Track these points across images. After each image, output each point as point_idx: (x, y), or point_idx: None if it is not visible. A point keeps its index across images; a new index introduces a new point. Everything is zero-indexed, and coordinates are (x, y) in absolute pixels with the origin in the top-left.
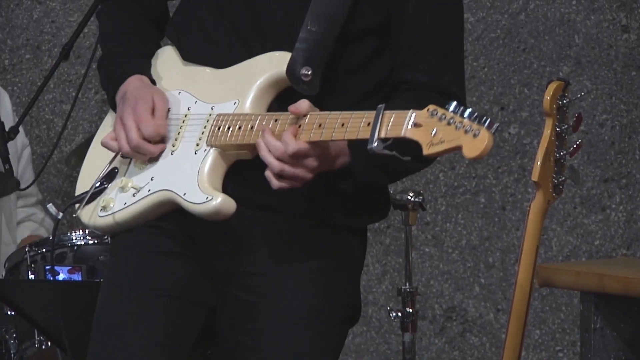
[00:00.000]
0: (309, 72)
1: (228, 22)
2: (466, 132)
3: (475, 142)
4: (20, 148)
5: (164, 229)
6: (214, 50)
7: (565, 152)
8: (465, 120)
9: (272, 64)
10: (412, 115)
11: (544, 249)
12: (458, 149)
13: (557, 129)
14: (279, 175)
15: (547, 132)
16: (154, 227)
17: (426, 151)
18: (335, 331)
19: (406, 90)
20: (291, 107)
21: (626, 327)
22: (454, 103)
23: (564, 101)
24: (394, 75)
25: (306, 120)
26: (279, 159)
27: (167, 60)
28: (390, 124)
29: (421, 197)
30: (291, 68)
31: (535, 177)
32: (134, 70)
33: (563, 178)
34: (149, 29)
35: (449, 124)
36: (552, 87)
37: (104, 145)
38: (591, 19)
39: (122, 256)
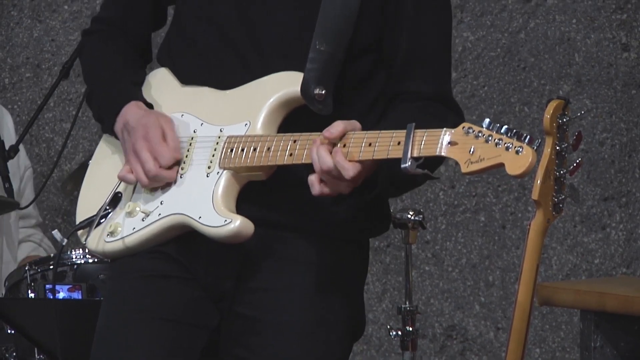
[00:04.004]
0: (323, 92)
1: (226, 42)
2: (507, 149)
3: (519, 159)
4: (22, 169)
5: (163, 253)
6: (213, 71)
7: (565, 170)
8: (505, 137)
9: (283, 84)
10: (446, 134)
11: (544, 268)
12: (499, 166)
13: (557, 148)
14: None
15: (547, 150)
16: (153, 252)
17: (465, 169)
18: (339, 345)
19: (405, 101)
20: (327, 133)
21: (626, 345)
22: (487, 120)
23: (564, 120)
24: (393, 87)
25: (349, 139)
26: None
27: (160, 84)
28: (423, 142)
29: (421, 216)
30: (305, 88)
31: (535, 195)
32: (129, 97)
33: (563, 197)
34: (136, 57)
35: (487, 141)
36: (552, 105)
37: (122, 179)
38: (591, 37)
39: (122, 280)
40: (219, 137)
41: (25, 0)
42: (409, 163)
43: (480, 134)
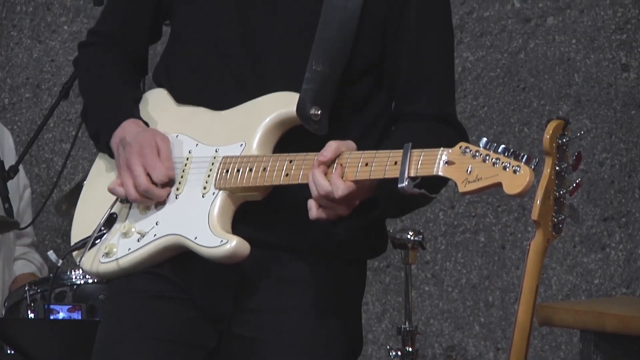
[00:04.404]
0: (319, 112)
1: (223, 62)
2: (505, 168)
3: (517, 178)
4: (22, 188)
5: (159, 275)
6: (209, 91)
7: (565, 191)
8: (502, 157)
9: (279, 104)
10: (443, 154)
11: (544, 288)
12: (497, 185)
13: (557, 168)
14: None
15: (546, 170)
16: (148, 273)
17: (462, 189)
18: None
19: (407, 122)
20: (320, 157)
21: None
22: (484, 139)
23: (564, 140)
24: (396, 109)
25: (345, 159)
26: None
27: (157, 104)
28: (420, 162)
29: (421, 236)
30: (301, 108)
31: (535, 216)
32: (127, 114)
33: (563, 217)
34: (133, 73)
35: (484, 160)
36: (551, 125)
37: (111, 191)
38: (591, 57)
39: (118, 301)
40: (215, 158)
41: (25, 20)
42: (406, 183)
43: (477, 154)
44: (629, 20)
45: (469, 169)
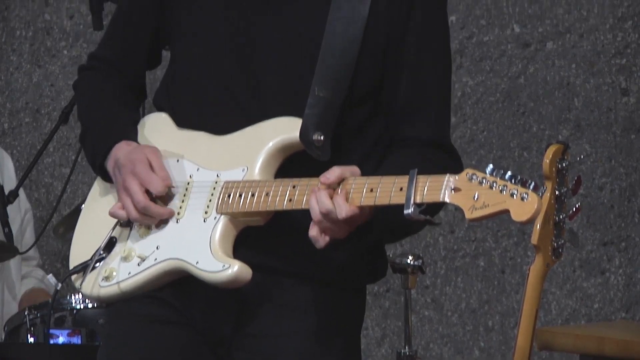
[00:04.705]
0: (322, 138)
1: (224, 87)
2: (512, 195)
3: (525, 205)
4: (23, 212)
5: (159, 299)
6: (210, 116)
7: (564, 215)
8: (509, 184)
9: (281, 130)
10: (450, 180)
11: (544, 312)
12: (504, 212)
13: (557, 192)
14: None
15: (546, 195)
16: (149, 297)
17: (469, 215)
18: None
19: (404, 147)
20: (323, 178)
21: None
22: (491, 166)
23: (564, 164)
24: (392, 133)
25: (350, 185)
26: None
27: (157, 127)
28: (426, 189)
29: (421, 261)
30: (304, 133)
31: (534, 240)
32: (121, 136)
33: (562, 241)
34: (131, 97)
35: (491, 187)
36: (551, 150)
37: (113, 215)
38: (590, 82)
39: (117, 325)
40: (216, 182)
41: (24, 45)
42: (412, 209)
43: (484, 180)
44: (628, 45)
45: (476, 196)
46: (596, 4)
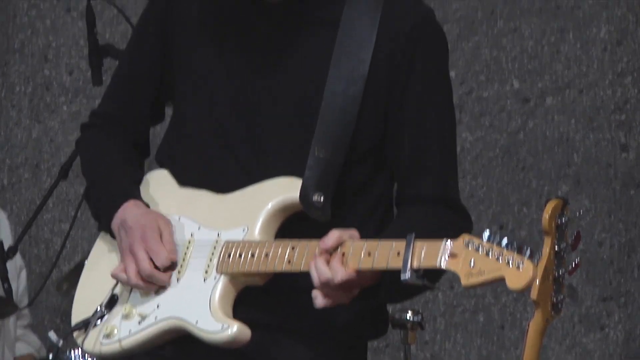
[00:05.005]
0: (322, 199)
1: (226, 146)
2: (508, 263)
3: (520, 274)
4: (18, 269)
5: (160, 356)
6: (212, 174)
7: (564, 270)
8: (505, 251)
9: (281, 190)
10: (446, 246)
11: None
12: (500, 280)
13: (556, 248)
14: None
15: (546, 250)
16: (150, 354)
17: (465, 282)
18: None
19: (411, 206)
20: (322, 244)
21: None
22: (488, 232)
23: (563, 220)
24: (398, 191)
25: (348, 248)
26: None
27: (159, 185)
28: (422, 254)
29: (420, 316)
30: (304, 194)
31: (534, 295)
32: (127, 196)
33: (562, 297)
34: (135, 154)
35: (487, 254)
36: (550, 205)
37: (114, 277)
38: (590, 137)
39: None
40: (217, 242)
41: (24, 100)
42: (409, 274)
43: (480, 247)
44: (628, 100)
45: (472, 263)
46: (596, 59)
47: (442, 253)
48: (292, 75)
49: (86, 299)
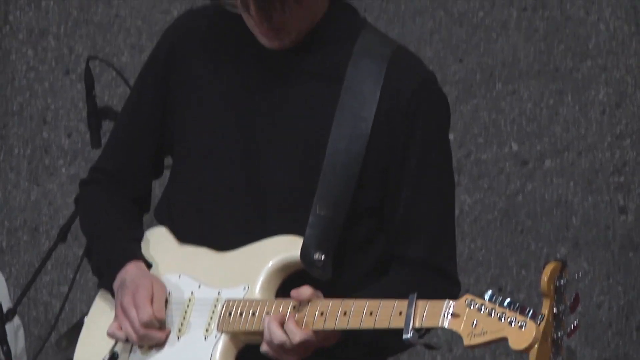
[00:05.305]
0: (322, 258)
1: (227, 203)
2: (511, 323)
3: (523, 334)
4: (15, 328)
5: None
6: (213, 232)
7: (562, 333)
8: (508, 311)
9: (282, 248)
10: (449, 306)
11: None
12: (503, 340)
13: (555, 310)
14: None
15: (544, 312)
16: None
17: (468, 342)
18: None
19: (398, 267)
20: (294, 292)
21: None
22: (490, 292)
23: (562, 282)
24: (390, 251)
25: (328, 307)
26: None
27: (159, 243)
28: (425, 314)
29: None
30: (305, 253)
31: (532, 358)
32: (130, 256)
33: (561, 359)
34: (135, 211)
35: (490, 314)
36: (549, 267)
37: (111, 335)
38: (589, 200)
39: None
40: (217, 300)
41: (22, 163)
42: (411, 334)
43: (483, 307)
44: (626, 163)
45: (475, 323)
46: (594, 121)
47: (444, 313)
48: (295, 132)
49: (86, 356)
